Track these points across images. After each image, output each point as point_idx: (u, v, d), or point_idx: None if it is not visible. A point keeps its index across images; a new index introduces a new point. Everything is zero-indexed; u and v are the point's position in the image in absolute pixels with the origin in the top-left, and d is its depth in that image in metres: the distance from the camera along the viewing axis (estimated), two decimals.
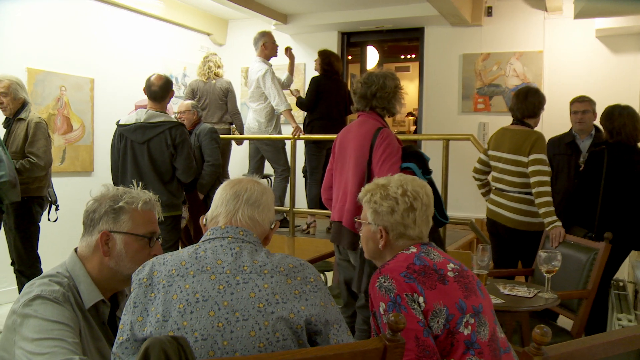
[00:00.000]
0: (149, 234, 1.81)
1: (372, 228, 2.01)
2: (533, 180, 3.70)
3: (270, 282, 1.49)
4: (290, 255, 1.61)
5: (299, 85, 7.21)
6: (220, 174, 4.92)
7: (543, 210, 3.64)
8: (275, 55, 5.91)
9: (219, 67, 6.15)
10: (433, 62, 7.16)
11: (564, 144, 4.48)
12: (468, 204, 6.37)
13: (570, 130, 4.52)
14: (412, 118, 11.95)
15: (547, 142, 4.00)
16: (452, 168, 5.09)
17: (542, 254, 2.94)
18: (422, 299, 1.75)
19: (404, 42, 9.39)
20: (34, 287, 1.64)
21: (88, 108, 6.06)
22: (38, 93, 5.50)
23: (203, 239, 1.64)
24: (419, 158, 3.29)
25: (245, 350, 1.40)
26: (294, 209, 5.74)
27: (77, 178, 5.90)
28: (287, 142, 5.91)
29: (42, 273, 1.76)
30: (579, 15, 5.61)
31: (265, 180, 2.82)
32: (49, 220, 4.38)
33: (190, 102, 5.00)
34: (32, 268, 4.29)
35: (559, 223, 3.61)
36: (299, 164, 6.06)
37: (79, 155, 5.98)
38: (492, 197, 4.06)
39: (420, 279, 1.78)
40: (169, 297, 1.46)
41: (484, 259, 2.96)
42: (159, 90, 4.15)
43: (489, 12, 6.78)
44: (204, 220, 1.73)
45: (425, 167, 3.25)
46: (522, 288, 3.07)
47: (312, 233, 5.86)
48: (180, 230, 4.26)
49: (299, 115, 6.39)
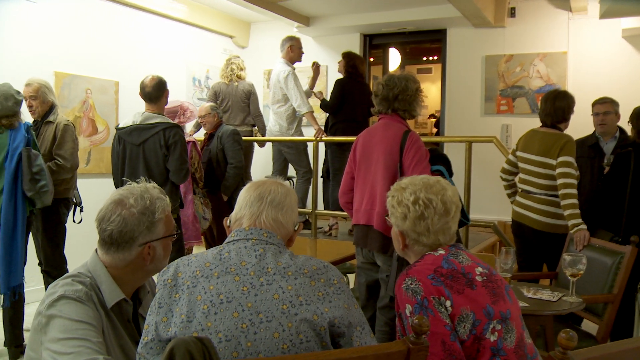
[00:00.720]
0: (175, 228, 1.90)
1: (395, 229, 2.00)
2: (560, 183, 3.66)
3: (294, 283, 1.50)
4: (314, 257, 1.61)
5: (322, 87, 7.22)
6: (244, 176, 4.94)
7: (568, 213, 3.60)
8: (300, 61, 5.93)
9: (242, 69, 6.18)
10: (455, 63, 7.12)
11: (587, 147, 4.42)
12: (491, 207, 6.32)
13: (594, 133, 4.47)
14: (433, 120, 11.90)
15: None
16: (474, 170, 5.05)
17: (566, 257, 2.92)
18: (449, 303, 1.72)
19: (426, 43, 9.36)
20: (58, 287, 1.67)
21: (112, 110, 6.14)
22: (65, 96, 5.59)
23: (227, 241, 1.65)
24: (445, 160, 3.30)
25: (269, 352, 1.41)
26: (316, 211, 5.75)
27: (101, 179, 5.98)
28: (309, 144, 5.93)
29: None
30: (605, 15, 5.55)
31: (288, 182, 2.82)
32: (74, 222, 4.43)
33: (209, 104, 4.99)
34: (58, 269, 4.34)
35: (584, 226, 3.57)
36: (321, 166, 6.07)
37: (104, 157, 6.05)
38: (518, 199, 4.03)
39: (448, 283, 1.75)
40: (193, 298, 1.48)
41: (508, 262, 2.94)
42: (153, 91, 4.16)
43: (512, 13, 6.72)
44: (228, 222, 1.74)
45: (450, 169, 3.26)
46: (546, 291, 3.04)
47: (334, 235, 5.85)
48: (180, 234, 4.26)
49: (321, 118, 6.40)
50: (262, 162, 7.17)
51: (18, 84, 4.16)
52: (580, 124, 4.65)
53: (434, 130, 11.68)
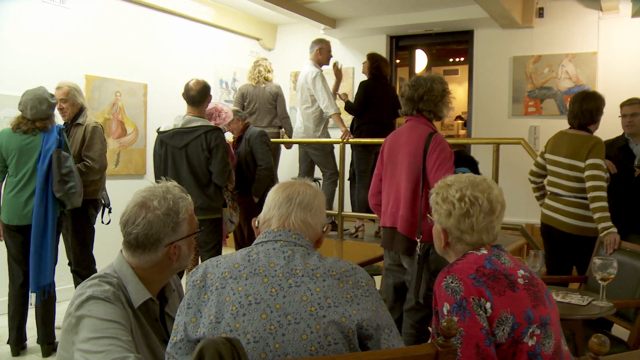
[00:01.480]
0: (198, 225, 1.92)
1: (437, 227, 1.97)
2: (589, 185, 3.61)
3: (323, 285, 1.49)
4: (342, 259, 1.61)
5: (348, 89, 7.22)
6: (274, 177, 4.95)
7: (598, 216, 3.55)
8: (327, 64, 5.95)
9: (269, 71, 6.21)
10: (483, 65, 7.06)
11: (617, 148, 4.34)
12: (519, 209, 6.25)
13: (623, 134, 4.40)
14: (460, 122, 11.82)
15: None
16: (502, 172, 5.01)
17: (596, 261, 2.87)
18: (489, 305, 1.69)
19: (453, 45, 9.30)
20: (86, 288, 1.69)
21: (141, 113, 6.21)
22: (95, 98, 5.67)
23: (256, 242, 1.65)
24: (471, 162, 3.28)
25: (297, 354, 1.40)
26: (343, 213, 5.75)
27: (130, 181, 6.06)
28: (335, 145, 5.93)
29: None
30: (637, 14, 5.46)
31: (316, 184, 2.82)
32: (102, 223, 4.49)
33: (231, 109, 4.97)
34: (87, 269, 4.40)
35: (614, 229, 3.51)
36: (347, 168, 6.07)
37: (132, 159, 6.13)
38: (547, 201, 3.98)
39: (490, 284, 1.72)
40: (222, 299, 1.48)
41: (536, 265, 2.91)
42: (197, 95, 4.18)
43: (541, 13, 6.64)
44: (256, 223, 1.74)
45: (476, 171, 3.23)
46: (575, 295, 3.01)
47: (360, 237, 5.85)
48: (220, 234, 4.29)
49: (347, 119, 6.40)
50: (288, 163, 7.19)
51: (50, 87, 4.25)
52: (611, 125, 4.57)
53: (462, 132, 11.61)
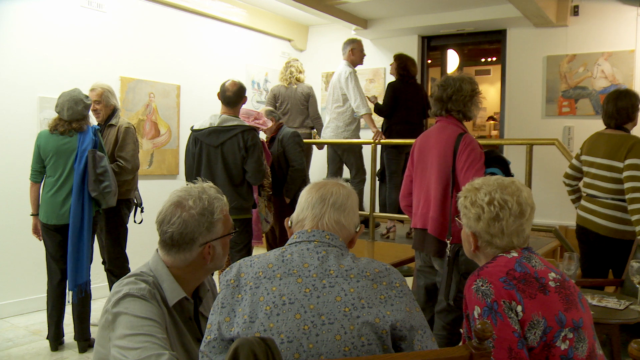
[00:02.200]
0: (233, 226, 1.93)
1: (466, 230, 1.94)
2: (627, 186, 3.55)
3: (356, 286, 1.49)
4: (376, 260, 1.61)
5: (379, 90, 7.21)
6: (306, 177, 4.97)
7: (636, 218, 3.48)
8: (361, 63, 5.96)
9: (301, 72, 6.24)
10: (515, 64, 6.98)
11: None
12: (552, 211, 6.17)
13: None
14: (492, 122, 11.70)
15: None
16: (535, 173, 4.95)
17: (634, 264, 2.82)
18: (520, 308, 1.67)
19: (485, 44, 9.20)
20: (122, 286, 1.72)
21: (174, 114, 6.30)
22: (129, 100, 5.78)
23: (289, 242, 1.65)
24: (502, 162, 3.24)
25: (331, 354, 1.41)
26: (374, 214, 5.74)
27: (163, 181, 6.15)
28: (364, 146, 5.93)
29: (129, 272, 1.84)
30: None
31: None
32: (135, 222, 4.56)
33: (265, 109, 5.00)
34: (121, 268, 4.49)
35: None
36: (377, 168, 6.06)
37: (165, 159, 6.22)
38: (583, 203, 3.92)
39: (520, 287, 1.70)
40: (256, 298, 1.49)
41: (571, 268, 2.87)
42: (233, 96, 4.22)
43: (576, 11, 6.52)
44: (289, 223, 1.74)
45: (508, 171, 3.20)
46: (612, 299, 2.96)
47: (391, 238, 5.84)
48: (251, 234, 4.32)
49: (378, 120, 6.39)
50: (319, 163, 7.21)
51: (87, 89, 4.35)
52: None
53: (494, 133, 11.48)
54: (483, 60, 11.42)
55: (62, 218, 4.03)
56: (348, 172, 6.07)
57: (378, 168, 6.09)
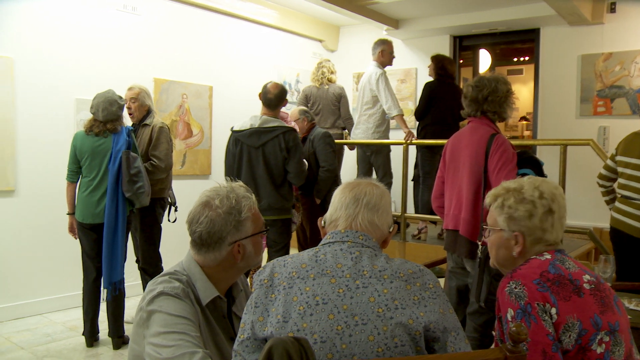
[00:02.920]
0: (264, 225, 1.93)
1: (504, 235, 1.89)
2: None
3: (390, 287, 1.49)
4: (410, 261, 1.60)
5: (411, 90, 7.18)
6: (337, 178, 4.98)
7: None
8: (391, 64, 5.95)
9: (332, 72, 6.24)
10: (549, 64, 6.88)
11: None
12: (586, 212, 6.07)
13: None
14: (525, 122, 11.55)
15: None
16: (569, 174, 4.88)
17: None
18: (554, 310, 1.65)
19: (517, 44, 9.10)
20: (157, 284, 1.75)
21: (207, 114, 6.37)
22: (163, 101, 5.86)
23: (323, 242, 1.66)
24: (535, 163, 3.21)
25: (364, 354, 1.40)
26: (406, 215, 5.72)
27: (195, 181, 6.22)
28: (393, 147, 5.91)
29: (163, 271, 1.87)
30: None
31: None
32: (169, 221, 4.61)
33: (299, 109, 5.00)
34: (154, 267, 4.55)
35: None
36: (410, 170, 6.03)
37: (198, 159, 6.29)
38: (617, 205, 3.85)
39: (554, 289, 1.68)
40: (289, 298, 1.49)
41: (607, 271, 2.83)
42: (274, 99, 4.27)
43: (612, 8, 6.39)
44: (322, 223, 1.74)
45: (541, 172, 3.17)
46: None
47: (423, 239, 5.81)
48: (290, 234, 4.35)
49: (410, 120, 6.37)
50: (351, 164, 7.21)
51: (122, 91, 4.42)
52: None
53: (526, 133, 11.34)
54: (515, 60, 11.30)
55: (97, 217, 4.11)
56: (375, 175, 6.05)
57: (413, 169, 6.06)
